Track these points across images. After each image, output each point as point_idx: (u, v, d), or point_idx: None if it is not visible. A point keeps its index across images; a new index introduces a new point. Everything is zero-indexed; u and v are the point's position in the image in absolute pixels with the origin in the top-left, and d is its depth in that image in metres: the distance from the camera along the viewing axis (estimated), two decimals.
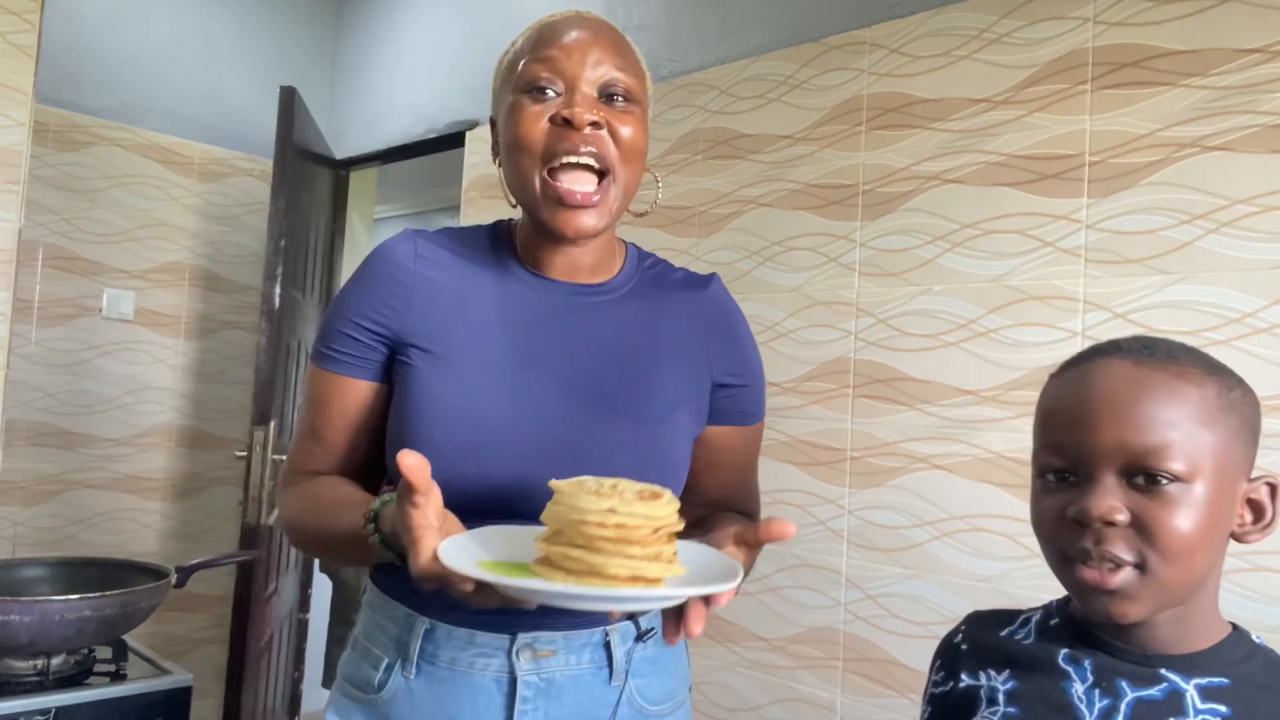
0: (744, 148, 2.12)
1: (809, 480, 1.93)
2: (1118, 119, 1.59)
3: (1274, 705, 0.71)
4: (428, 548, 0.68)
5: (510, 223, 1.03)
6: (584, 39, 0.93)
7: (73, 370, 2.86)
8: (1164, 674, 0.72)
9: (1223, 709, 0.70)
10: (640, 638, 0.97)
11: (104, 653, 1.84)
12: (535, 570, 0.69)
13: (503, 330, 0.95)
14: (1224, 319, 1.46)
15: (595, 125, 0.90)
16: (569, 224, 0.90)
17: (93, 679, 1.77)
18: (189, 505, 3.08)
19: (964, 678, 0.83)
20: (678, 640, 0.71)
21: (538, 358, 0.94)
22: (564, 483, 0.71)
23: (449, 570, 0.66)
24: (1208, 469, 0.70)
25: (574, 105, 0.89)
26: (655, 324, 1.00)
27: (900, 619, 1.77)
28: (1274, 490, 0.74)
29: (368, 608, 1.01)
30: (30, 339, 2.76)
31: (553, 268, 0.98)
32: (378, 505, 0.81)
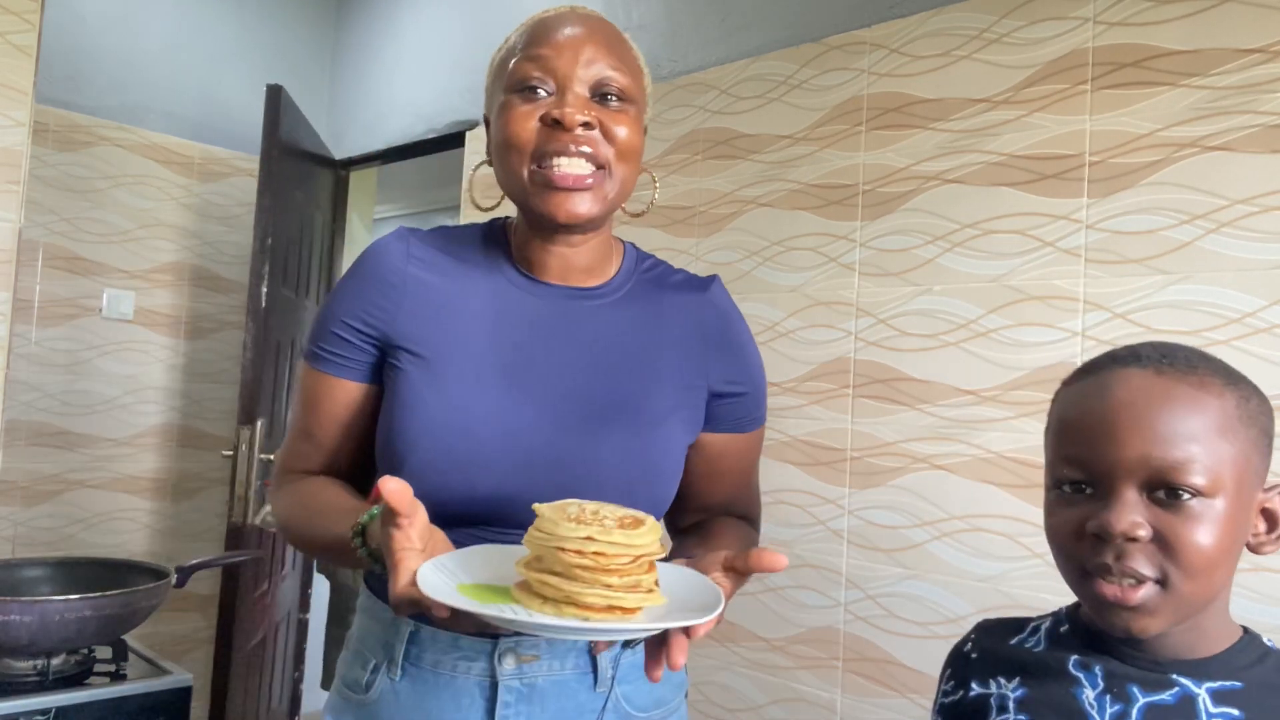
0: (744, 148, 2.12)
1: (809, 480, 1.93)
2: (1118, 119, 1.59)
3: None
4: (408, 570, 0.67)
5: (506, 221, 1.02)
6: (577, 36, 0.90)
7: (72, 370, 2.86)
8: (1176, 679, 0.72)
9: (1235, 713, 0.69)
10: (628, 644, 0.95)
11: (104, 653, 1.84)
12: (515, 595, 0.69)
13: (494, 337, 0.93)
14: (1224, 319, 1.46)
15: (587, 126, 0.88)
16: (561, 207, 0.87)
17: (93, 679, 1.77)
18: (189, 505, 3.08)
19: (974, 686, 0.82)
20: (659, 673, 0.70)
21: (528, 366, 0.92)
22: (546, 507, 0.71)
23: (425, 597, 0.65)
24: (1228, 483, 0.69)
25: (565, 105, 0.87)
26: (651, 330, 0.98)
27: (900, 619, 1.77)
28: None
29: (360, 610, 1.00)
30: (30, 339, 2.76)
31: (547, 270, 0.96)
32: (365, 519, 0.79)
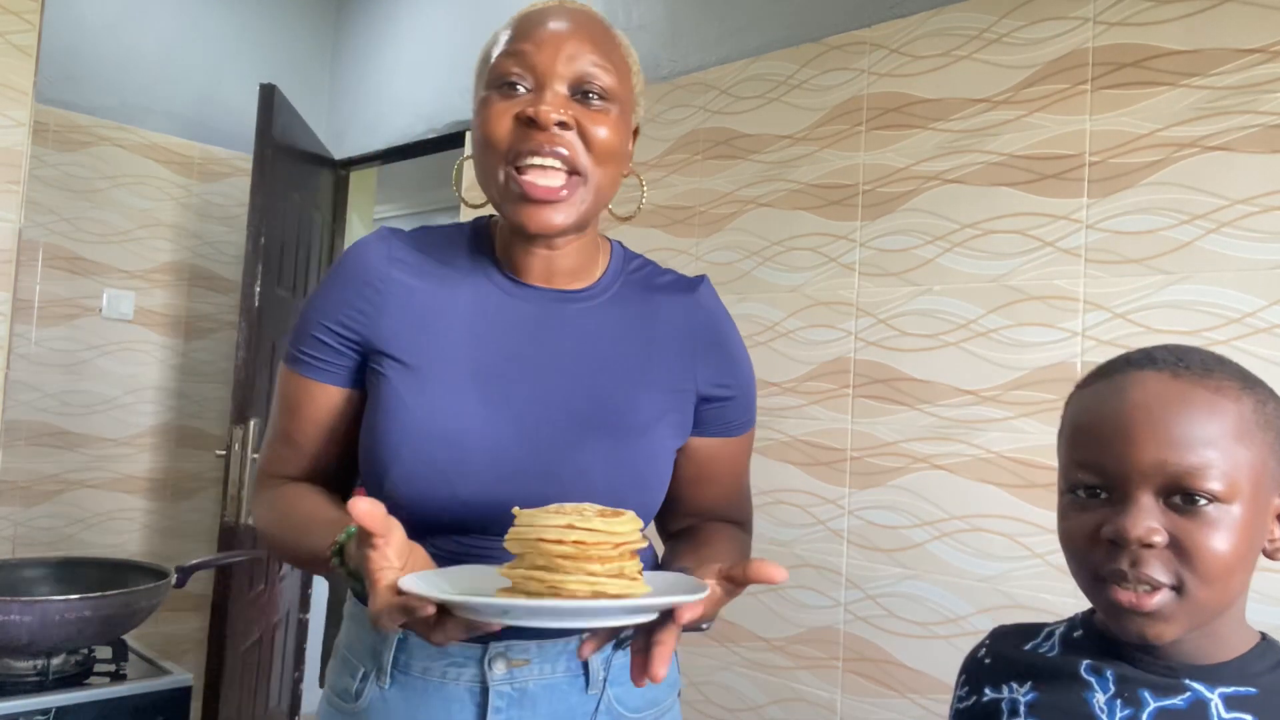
0: (744, 148, 2.12)
1: (809, 480, 1.93)
2: (1118, 119, 1.59)
3: None
4: (388, 589, 0.67)
5: (491, 220, 0.99)
6: (559, 31, 0.87)
7: (73, 370, 2.86)
8: (1188, 683, 0.71)
9: (1248, 718, 0.69)
10: (619, 645, 0.94)
11: (104, 653, 1.84)
12: (500, 598, 0.69)
13: (478, 343, 0.91)
14: (1224, 319, 1.46)
15: (563, 125, 0.84)
16: (532, 219, 0.85)
17: (93, 679, 1.77)
18: (189, 505, 3.07)
19: (987, 691, 0.82)
20: (643, 682, 0.69)
21: (513, 373, 0.91)
22: (527, 510, 0.71)
23: (408, 597, 0.64)
24: (1245, 488, 0.68)
25: (541, 103, 0.84)
26: (638, 333, 0.95)
27: (900, 619, 1.77)
28: None
29: (348, 616, 0.99)
30: (30, 339, 2.76)
31: (531, 272, 0.93)
32: (342, 538, 0.78)
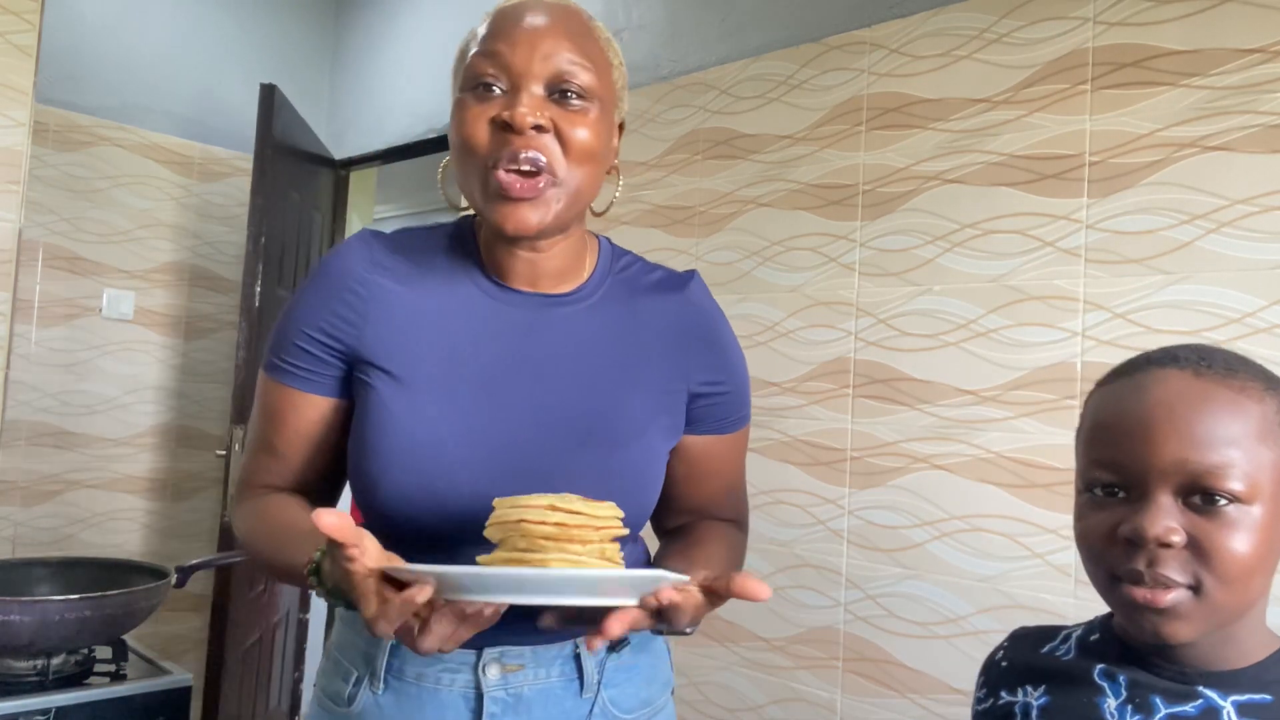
0: (744, 148, 2.12)
1: (809, 480, 1.93)
2: (1118, 119, 1.59)
3: None
4: (375, 593, 0.67)
5: (475, 220, 0.96)
6: (535, 29, 0.84)
7: (73, 370, 2.86)
8: (1201, 690, 0.70)
9: None
10: (613, 648, 0.94)
11: (104, 653, 1.84)
12: None
13: (466, 352, 0.89)
14: (1224, 319, 1.46)
15: (539, 129, 0.81)
16: (509, 218, 0.82)
17: (93, 679, 1.77)
18: (189, 505, 3.07)
19: (1003, 694, 0.82)
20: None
21: (502, 383, 0.89)
22: (506, 498, 0.72)
23: (401, 593, 0.64)
24: (1267, 490, 0.67)
25: (516, 106, 0.81)
26: (627, 335, 0.94)
27: (900, 619, 1.77)
28: None
29: (339, 618, 0.98)
30: (30, 339, 2.76)
31: (516, 275, 0.91)
32: (318, 556, 0.76)
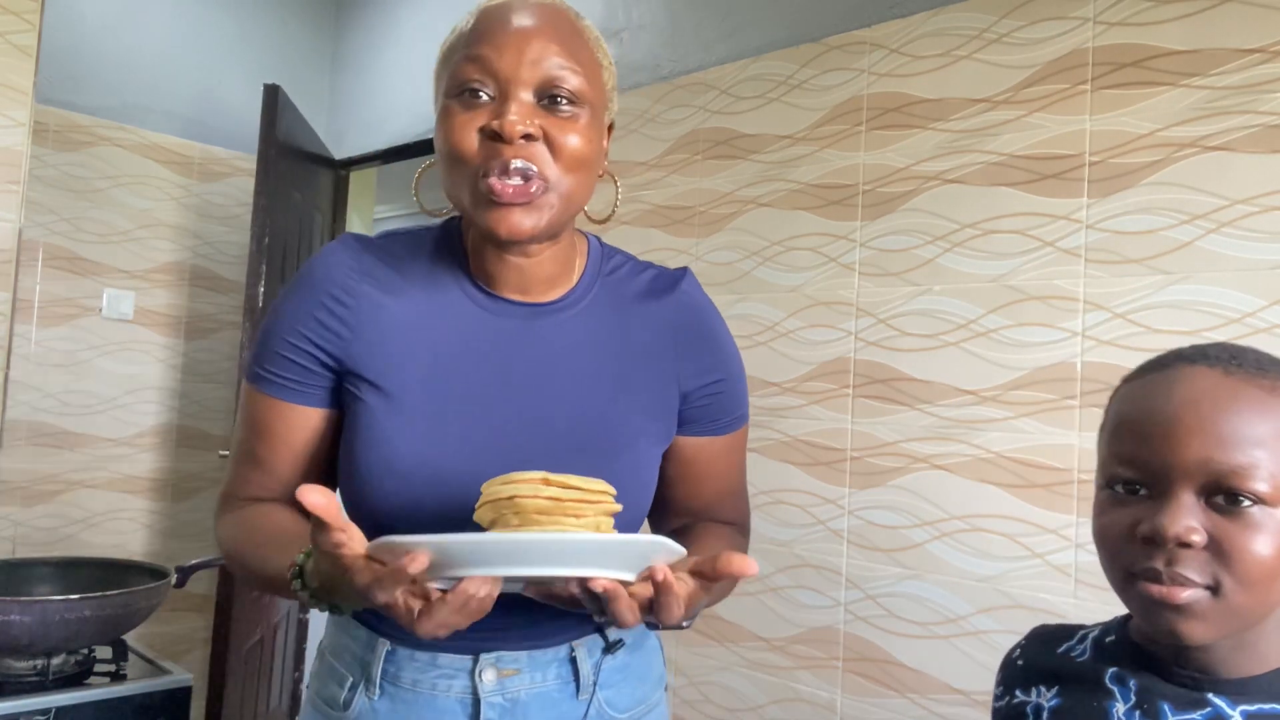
0: (744, 148, 2.12)
1: (809, 480, 1.93)
2: (1118, 119, 1.59)
3: None
4: (366, 566, 0.65)
5: (460, 223, 0.94)
6: (522, 31, 0.81)
7: (73, 370, 2.85)
8: (1210, 698, 0.69)
9: None
10: (609, 649, 0.94)
11: (104, 653, 1.84)
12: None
13: (453, 366, 0.87)
14: (1224, 319, 1.46)
15: (529, 137, 0.79)
16: (501, 223, 0.80)
17: (93, 679, 1.77)
18: (189, 505, 3.08)
19: (1017, 694, 0.81)
20: (630, 620, 0.68)
21: (491, 396, 0.87)
22: (495, 478, 0.71)
23: (395, 564, 0.62)
24: None
25: (505, 115, 0.78)
26: (616, 341, 0.92)
27: (900, 619, 1.77)
28: None
29: (332, 622, 0.97)
30: (30, 339, 2.76)
31: (505, 282, 0.89)
32: (301, 559, 0.74)
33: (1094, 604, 1.54)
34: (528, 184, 0.79)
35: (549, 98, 0.81)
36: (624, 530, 0.79)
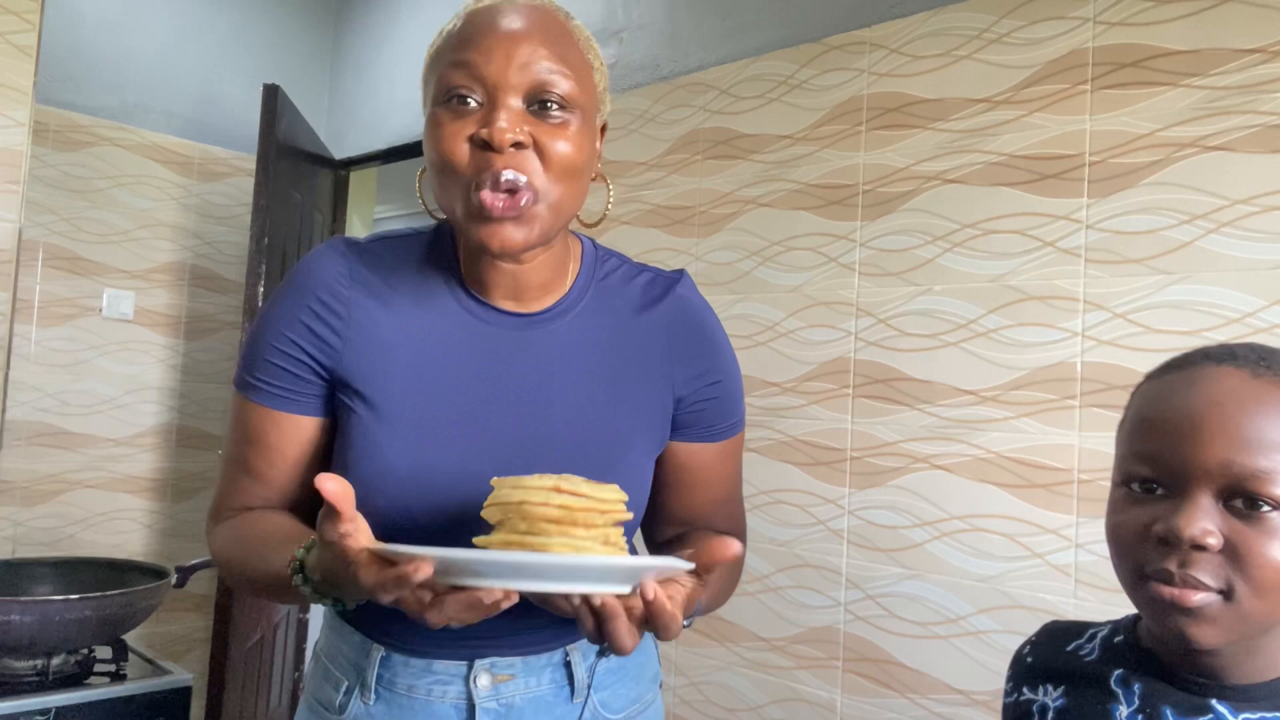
0: (744, 148, 2.12)
1: (809, 480, 1.93)
2: (1118, 119, 1.59)
3: None
4: (371, 561, 0.65)
5: (452, 229, 0.92)
6: (510, 35, 0.79)
7: (73, 370, 2.86)
8: (1213, 704, 0.68)
9: None
10: (602, 652, 0.94)
11: (104, 653, 1.84)
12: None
13: (446, 378, 0.86)
14: (1224, 319, 1.46)
15: (519, 145, 0.77)
16: (492, 238, 0.78)
17: (93, 679, 1.77)
18: (189, 505, 3.08)
19: (1025, 691, 0.81)
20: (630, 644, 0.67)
21: (484, 409, 0.87)
22: (508, 477, 0.70)
23: (399, 567, 0.62)
24: None
25: (494, 123, 0.77)
26: (610, 349, 0.91)
27: (900, 619, 1.77)
28: None
29: (327, 625, 0.97)
30: (30, 339, 2.76)
31: (497, 289, 0.87)
32: (301, 554, 0.74)
33: (1094, 604, 1.54)
34: (516, 197, 0.77)
35: (539, 103, 0.79)
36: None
